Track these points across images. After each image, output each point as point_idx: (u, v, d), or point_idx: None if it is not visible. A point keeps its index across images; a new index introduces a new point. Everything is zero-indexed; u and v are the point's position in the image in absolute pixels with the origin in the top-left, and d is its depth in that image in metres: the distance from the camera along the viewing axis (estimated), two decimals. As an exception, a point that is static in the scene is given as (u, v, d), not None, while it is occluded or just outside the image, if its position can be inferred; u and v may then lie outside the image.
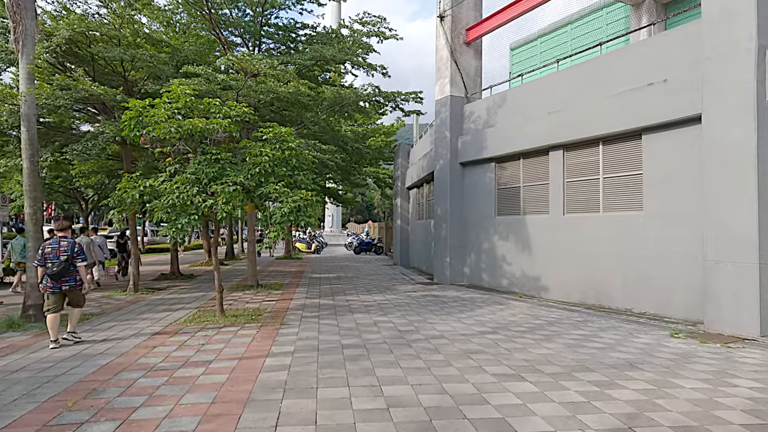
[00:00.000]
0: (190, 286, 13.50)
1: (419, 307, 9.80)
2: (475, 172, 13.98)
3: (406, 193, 22.65)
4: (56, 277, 6.52)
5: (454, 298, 11.32)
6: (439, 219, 14.67)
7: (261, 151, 7.68)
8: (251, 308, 9.58)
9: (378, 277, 16.35)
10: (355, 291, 12.46)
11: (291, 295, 11.50)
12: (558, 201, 11.17)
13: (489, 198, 13.40)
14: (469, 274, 14.15)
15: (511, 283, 12.51)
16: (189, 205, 7.35)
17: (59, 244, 6.64)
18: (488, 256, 13.36)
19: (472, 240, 14.01)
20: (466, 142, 14.03)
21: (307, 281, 14.72)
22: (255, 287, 12.63)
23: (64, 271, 6.54)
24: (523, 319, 8.62)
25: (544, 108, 11.40)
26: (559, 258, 11.07)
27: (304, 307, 9.73)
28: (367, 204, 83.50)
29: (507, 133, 12.52)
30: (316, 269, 19.17)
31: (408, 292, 12.24)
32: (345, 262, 23.26)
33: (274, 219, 7.49)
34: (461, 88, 14.47)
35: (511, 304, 10.50)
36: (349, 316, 8.72)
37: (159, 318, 8.60)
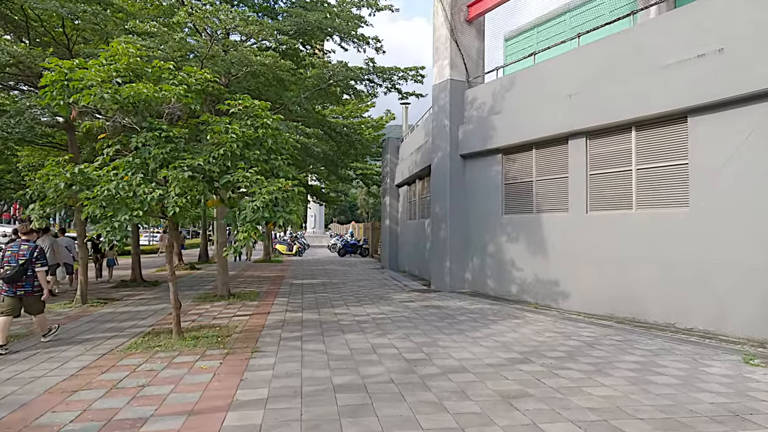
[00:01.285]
0: (151, 295, 11.62)
1: (423, 323, 8.16)
2: (478, 165, 12.41)
3: (395, 191, 21.02)
4: (11, 281, 6.36)
5: (460, 309, 9.71)
6: (438, 218, 13.06)
7: (227, 127, 5.94)
8: (218, 326, 7.82)
9: (367, 283, 14.67)
10: (343, 301, 10.76)
11: (268, 308, 9.74)
12: (580, 197, 9.65)
13: (495, 194, 11.84)
14: (471, 280, 12.56)
15: (521, 290, 10.96)
16: (131, 197, 5.58)
17: (20, 248, 6.50)
18: (494, 260, 11.79)
19: (475, 242, 12.43)
20: (468, 132, 12.45)
21: (287, 289, 12.96)
22: (227, 297, 10.83)
23: (19, 275, 6.37)
24: (552, 339, 7.05)
25: (563, 90, 9.87)
26: (581, 263, 9.55)
27: (283, 325, 8.00)
28: (350, 204, 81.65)
29: (517, 120, 10.97)
30: (298, 274, 17.40)
31: (404, 302, 10.59)
32: (329, 266, 21.51)
33: (243, 216, 5.77)
34: (462, 71, 12.89)
35: (528, 317, 8.94)
36: (340, 338, 7.02)
37: (99, 341, 6.79)
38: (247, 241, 5.75)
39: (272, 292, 12.26)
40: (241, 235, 5.74)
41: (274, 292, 12.14)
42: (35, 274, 6.55)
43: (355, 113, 19.95)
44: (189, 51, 8.16)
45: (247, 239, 5.72)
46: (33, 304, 6.61)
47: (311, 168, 17.66)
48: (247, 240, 5.73)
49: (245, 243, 5.78)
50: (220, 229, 11.04)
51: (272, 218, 5.76)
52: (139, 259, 14.18)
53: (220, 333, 7.28)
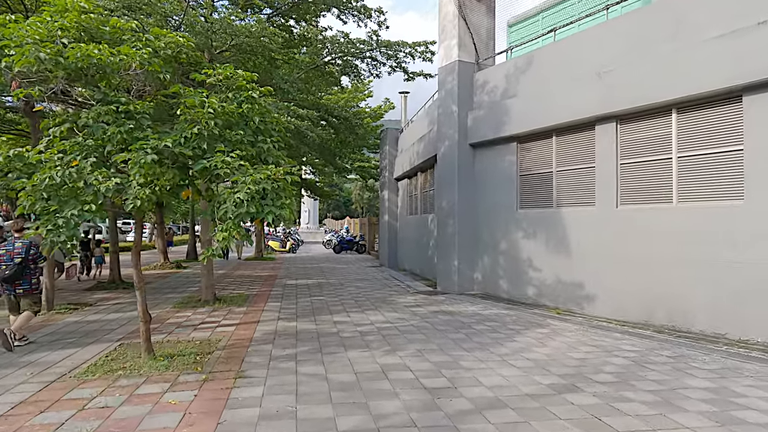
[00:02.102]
0: (128, 299, 10.44)
1: (436, 335, 7.07)
2: (489, 154, 11.31)
3: (394, 185, 19.89)
4: (9, 281, 6.34)
5: (474, 316, 8.63)
6: (444, 213, 11.95)
7: (203, 101, 4.78)
8: (198, 341, 6.68)
9: (367, 283, 13.55)
10: (342, 306, 9.64)
11: (258, 315, 8.61)
12: (609, 189, 8.58)
13: (509, 187, 10.74)
14: (481, 280, 11.48)
15: (539, 293, 9.90)
16: (81, 187, 4.43)
17: (14, 246, 6.45)
18: (508, 259, 10.71)
19: (486, 239, 11.35)
20: (479, 118, 11.34)
21: (280, 291, 11.82)
22: (212, 302, 9.67)
23: (17, 274, 6.34)
24: (592, 356, 5.98)
25: (589, 68, 8.77)
26: (610, 263, 8.49)
27: (274, 338, 6.87)
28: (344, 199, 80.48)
29: (534, 104, 9.87)
30: (292, 273, 16.25)
31: (411, 307, 9.49)
32: (325, 263, 20.38)
33: (223, 211, 4.63)
34: (471, 51, 11.76)
35: (553, 325, 7.87)
36: (342, 356, 5.91)
37: (52, 362, 5.64)
38: (227, 242, 4.62)
39: (263, 294, 11.12)
40: (221, 234, 4.61)
41: (266, 295, 10.99)
42: (33, 272, 6.53)
43: (352, 102, 18.76)
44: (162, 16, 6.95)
45: (228, 240, 4.59)
46: (28, 304, 6.48)
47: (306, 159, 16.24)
48: (227, 241, 4.59)
49: (226, 244, 4.65)
50: (203, 226, 9.85)
51: (259, 214, 4.62)
52: (118, 258, 12.97)
53: (200, 349, 6.14)
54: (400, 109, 21.81)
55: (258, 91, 5.16)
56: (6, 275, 6.28)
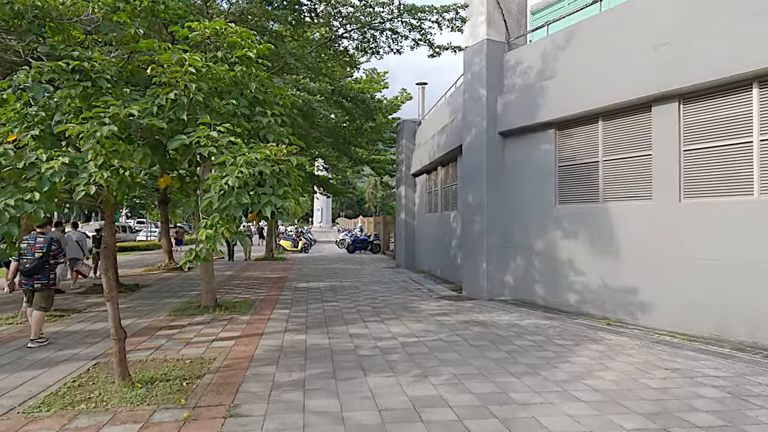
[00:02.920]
0: (122, 306, 9.42)
1: (473, 353, 5.91)
2: (522, 144, 10.10)
3: (411, 181, 18.73)
4: (29, 275, 6.39)
5: (511, 327, 7.45)
6: (470, 210, 10.77)
7: (182, 58, 3.68)
8: (188, 359, 5.60)
9: (384, 286, 12.42)
10: (358, 314, 8.52)
11: (262, 325, 7.52)
12: (669, 180, 7.34)
13: (546, 179, 9.52)
14: (513, 285, 10.28)
15: (582, 300, 8.68)
16: (22, 169, 3.37)
17: (35, 241, 6.49)
18: (545, 260, 9.50)
19: (519, 239, 10.14)
20: (510, 103, 10.13)
21: (289, 295, 10.74)
22: (211, 309, 8.62)
23: (37, 268, 6.37)
24: (671, 383, 4.77)
25: (645, 41, 7.54)
26: (671, 266, 7.25)
27: (279, 357, 5.77)
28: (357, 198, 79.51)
29: (577, 85, 8.65)
30: (303, 275, 15.18)
31: (436, 316, 8.34)
32: (338, 264, 19.30)
33: (207, 201, 3.54)
34: (501, 29, 10.55)
35: (607, 340, 6.66)
36: (361, 383, 4.78)
37: (5, 388, 4.61)
38: (213, 243, 3.52)
39: (270, 300, 10.04)
40: (204, 232, 3.51)
41: (273, 300, 9.92)
42: (51, 267, 6.57)
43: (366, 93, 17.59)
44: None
45: (213, 240, 3.49)
46: (42, 300, 6.42)
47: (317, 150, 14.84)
48: (212, 241, 3.50)
49: (211, 245, 3.55)
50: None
51: (255, 205, 3.52)
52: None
53: (188, 372, 5.07)
54: (417, 101, 20.64)
55: (255, 50, 4.05)
56: (27, 269, 6.37)
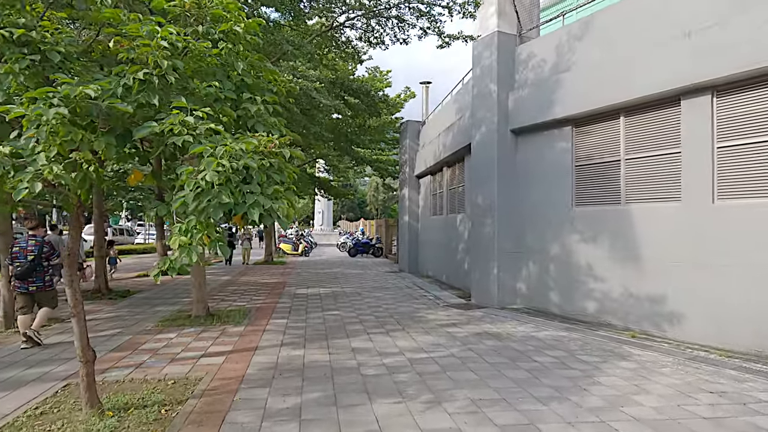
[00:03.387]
0: (109, 313, 8.84)
1: (490, 372, 5.28)
2: (536, 142, 9.49)
3: (415, 183, 18.12)
4: (23, 278, 6.29)
5: (528, 340, 6.82)
6: (480, 213, 10.15)
7: (153, 30, 3.08)
8: (172, 380, 4.99)
9: (387, 293, 11.79)
10: (361, 324, 7.89)
11: (257, 338, 6.90)
12: (701, 180, 6.72)
13: (561, 180, 8.91)
14: (526, 292, 9.64)
15: (602, 309, 8.05)
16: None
17: (27, 243, 6.39)
18: (560, 266, 8.87)
19: (531, 243, 9.51)
20: (522, 99, 9.53)
21: (288, 303, 10.12)
22: (203, 319, 8.00)
23: (30, 271, 6.30)
24: (721, 411, 4.15)
25: (676, 27, 6.93)
26: (704, 273, 6.62)
27: (273, 376, 5.15)
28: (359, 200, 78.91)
29: (596, 77, 8.05)
30: (304, 280, 14.56)
31: (446, 327, 7.71)
32: (339, 268, 18.68)
33: (181, 202, 2.93)
34: (513, 21, 9.96)
35: (635, 355, 6.03)
36: (366, 412, 4.15)
37: (-42, 417, 4.00)
38: (189, 253, 2.91)
39: (267, 308, 9.42)
40: (177, 239, 2.90)
41: (270, 309, 9.30)
42: (46, 270, 6.50)
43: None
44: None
45: (189, 250, 2.88)
46: (44, 298, 6.52)
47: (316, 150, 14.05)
48: (188, 251, 2.89)
49: (187, 255, 2.94)
50: None
51: (239, 207, 2.91)
52: (104, 264, 11.41)
53: (169, 396, 4.45)
54: (421, 100, 20.04)
55: (243, 24, 3.44)
56: (20, 272, 6.29)
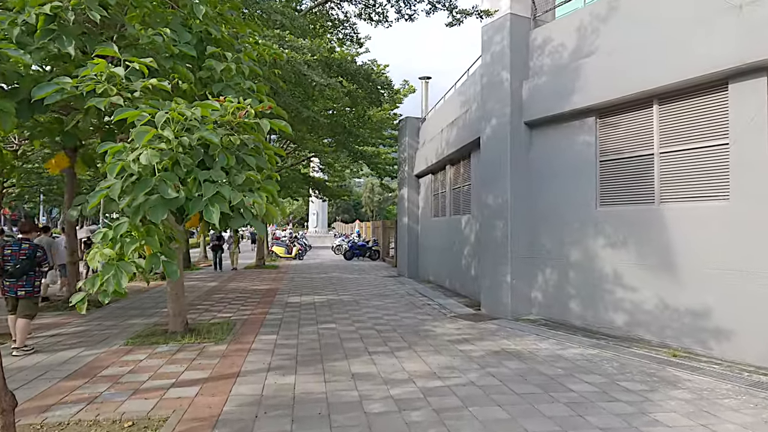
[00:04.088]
0: (75, 329, 7.84)
1: (522, 408, 4.34)
2: (554, 135, 8.58)
3: (415, 182, 17.19)
4: (15, 276, 6.16)
5: (555, 360, 5.89)
6: (490, 214, 9.23)
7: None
8: (129, 421, 4.01)
9: (388, 301, 10.84)
10: (362, 341, 6.93)
11: (240, 360, 5.92)
12: (755, 175, 5.82)
13: (583, 176, 8.00)
14: (543, 301, 8.72)
15: (633, 321, 7.14)
16: None
17: (20, 247, 6.27)
18: (583, 273, 7.96)
19: (549, 246, 8.60)
20: (538, 88, 8.62)
21: (278, 314, 9.14)
22: (180, 336, 6.98)
23: (21, 274, 6.16)
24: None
25: (720, 2, 6.03)
26: (758, 284, 5.72)
27: (256, 416, 4.18)
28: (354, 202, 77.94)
29: (623, 62, 7.15)
30: (297, 286, 13.59)
31: (457, 344, 6.77)
32: (335, 273, 17.71)
33: (104, 194, 1.95)
34: (526, 3, 9.06)
35: (685, 381, 5.12)
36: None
37: None
38: (117, 275, 1.94)
39: (255, 321, 8.44)
40: (100, 253, 1.94)
41: (258, 322, 8.32)
42: (36, 274, 6.36)
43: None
44: None
45: (117, 270, 1.92)
46: (27, 307, 6.25)
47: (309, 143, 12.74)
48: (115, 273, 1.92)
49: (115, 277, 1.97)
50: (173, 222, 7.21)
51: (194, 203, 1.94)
52: (77, 270, 10.39)
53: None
54: (421, 96, 19.13)
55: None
56: (11, 275, 6.13)
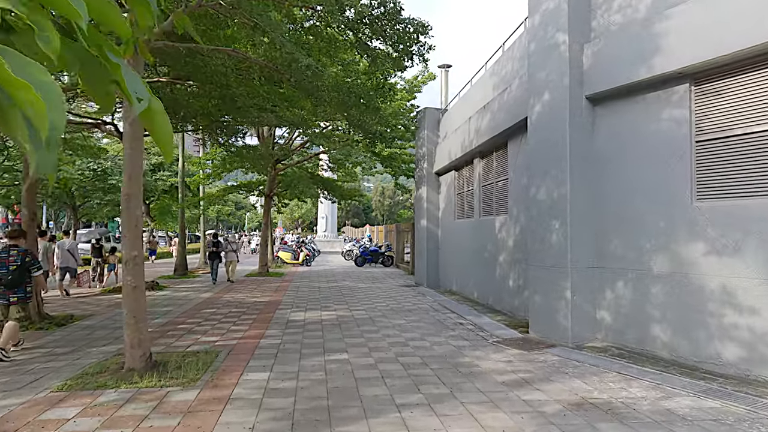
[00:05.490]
0: (15, 359, 6.10)
1: None
2: (627, 110, 6.71)
3: (434, 180, 15.36)
4: (9, 287, 6.12)
5: (672, 422, 4.01)
6: (542, 212, 7.37)
7: None
8: None
9: (410, 318, 8.98)
10: (384, 385, 5.08)
11: (211, 420, 4.09)
12: None
13: (672, 162, 6.12)
14: (612, 325, 6.82)
15: (753, 358, 5.23)
16: None
17: (9, 254, 6.19)
18: (673, 288, 6.06)
19: (622, 253, 6.71)
20: (604, 53, 6.77)
21: (276, 338, 7.33)
22: (138, 374, 5.15)
23: (15, 281, 6.14)
24: None
25: None
26: None
27: None
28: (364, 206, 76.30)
29: (732, 7, 5.29)
30: (301, 298, 11.78)
31: (515, 388, 4.91)
32: (345, 281, 15.89)
33: None
34: (587, -53, 7.23)
35: None
36: None
37: None
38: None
39: (245, 348, 6.62)
40: None
41: (249, 350, 6.50)
42: (28, 281, 6.30)
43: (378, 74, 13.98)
44: None
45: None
46: (17, 310, 6.22)
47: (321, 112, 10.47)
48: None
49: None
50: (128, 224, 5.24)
51: None
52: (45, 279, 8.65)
53: None
54: (440, 86, 17.34)
55: None
56: (9, 281, 6.05)
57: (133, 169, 4.96)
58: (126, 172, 4.97)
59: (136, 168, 5.01)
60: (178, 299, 11.36)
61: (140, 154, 5.14)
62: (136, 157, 5.02)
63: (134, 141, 4.99)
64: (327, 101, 7.00)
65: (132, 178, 5.00)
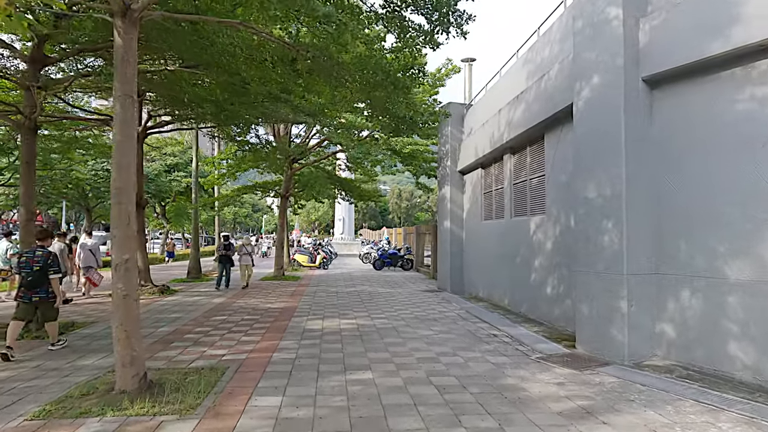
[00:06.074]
0: (8, 370, 5.44)
1: None
2: (692, 93, 5.80)
3: (458, 179, 14.50)
4: (28, 287, 6.23)
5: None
6: (591, 211, 6.48)
7: None
8: None
9: (438, 329, 8.14)
10: (419, 416, 4.24)
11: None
12: None
13: (752, 151, 5.20)
14: (675, 340, 5.90)
15: None
16: None
17: (34, 254, 6.28)
18: (755, 301, 5.12)
19: (691, 258, 5.79)
20: (665, 27, 5.88)
21: (290, 352, 6.56)
22: (129, 398, 4.40)
23: (36, 281, 6.21)
24: None
25: None
26: None
27: None
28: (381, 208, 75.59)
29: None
30: (319, 304, 11.02)
31: (578, 422, 4.04)
32: (364, 285, 15.09)
33: None
34: None
35: None
36: None
37: None
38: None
39: (256, 364, 5.87)
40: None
41: (260, 367, 5.74)
42: (50, 280, 6.31)
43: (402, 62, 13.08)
44: None
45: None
46: (47, 311, 6.38)
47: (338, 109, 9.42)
48: None
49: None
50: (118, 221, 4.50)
51: None
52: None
53: None
54: (464, 80, 16.46)
55: None
56: (26, 281, 6.17)
57: (123, 158, 4.25)
58: (114, 161, 4.26)
59: (126, 157, 4.28)
60: (187, 305, 10.70)
61: (132, 142, 4.41)
62: (126, 145, 4.30)
63: (124, 125, 4.26)
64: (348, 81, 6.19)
65: (122, 168, 4.28)
